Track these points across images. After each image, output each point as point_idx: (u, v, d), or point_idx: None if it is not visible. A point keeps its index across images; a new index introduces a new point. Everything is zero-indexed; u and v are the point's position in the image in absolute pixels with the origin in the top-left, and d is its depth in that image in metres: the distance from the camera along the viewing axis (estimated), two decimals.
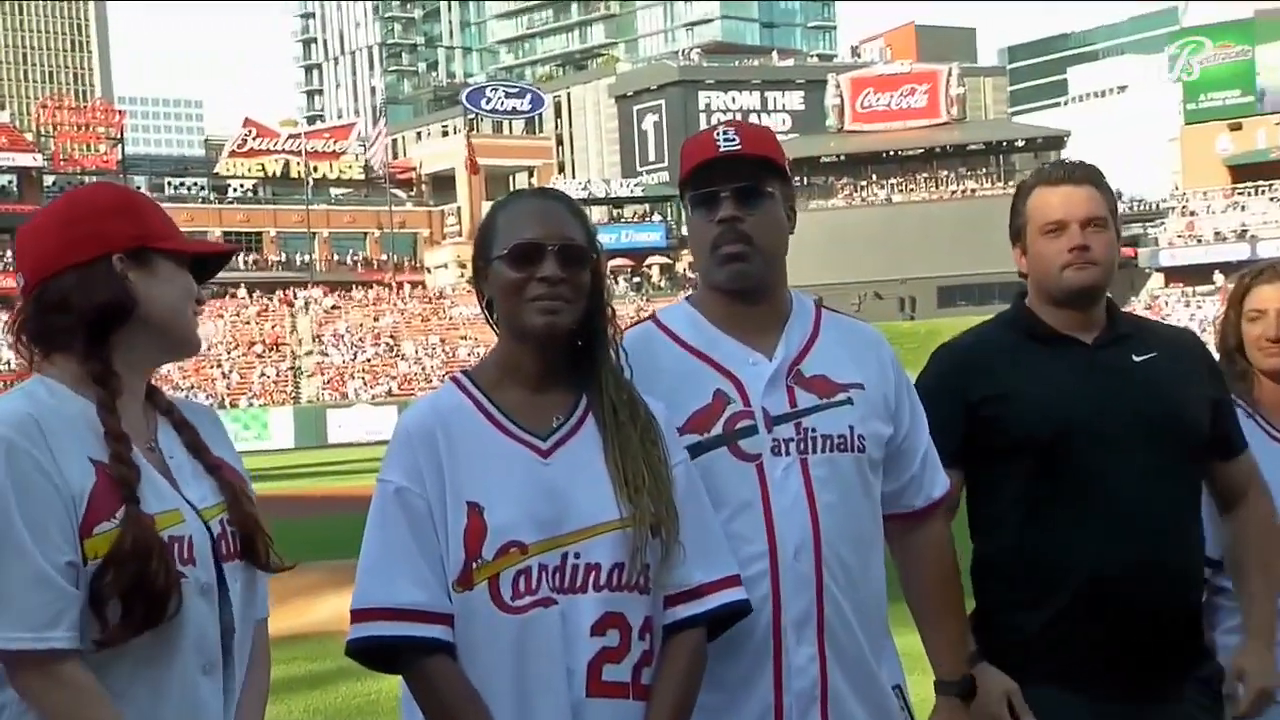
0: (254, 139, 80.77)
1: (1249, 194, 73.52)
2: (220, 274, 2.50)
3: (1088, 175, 3.00)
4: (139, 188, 40.28)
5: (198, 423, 2.40)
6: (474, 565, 2.29)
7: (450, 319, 64.58)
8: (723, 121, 2.75)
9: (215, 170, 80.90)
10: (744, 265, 2.63)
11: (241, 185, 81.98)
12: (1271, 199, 71.86)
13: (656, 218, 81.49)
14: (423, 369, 58.86)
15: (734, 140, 2.65)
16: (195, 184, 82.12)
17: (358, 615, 2.33)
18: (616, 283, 74.17)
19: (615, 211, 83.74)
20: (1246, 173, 74.37)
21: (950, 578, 2.81)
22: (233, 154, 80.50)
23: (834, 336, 2.74)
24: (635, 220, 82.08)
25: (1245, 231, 69.91)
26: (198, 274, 2.40)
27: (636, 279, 77.05)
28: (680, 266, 79.62)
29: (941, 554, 2.81)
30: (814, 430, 2.61)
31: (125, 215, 2.32)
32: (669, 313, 2.79)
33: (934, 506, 2.80)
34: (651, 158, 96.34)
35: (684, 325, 2.72)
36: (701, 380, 2.63)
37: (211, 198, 79.36)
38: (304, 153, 79.35)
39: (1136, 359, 2.95)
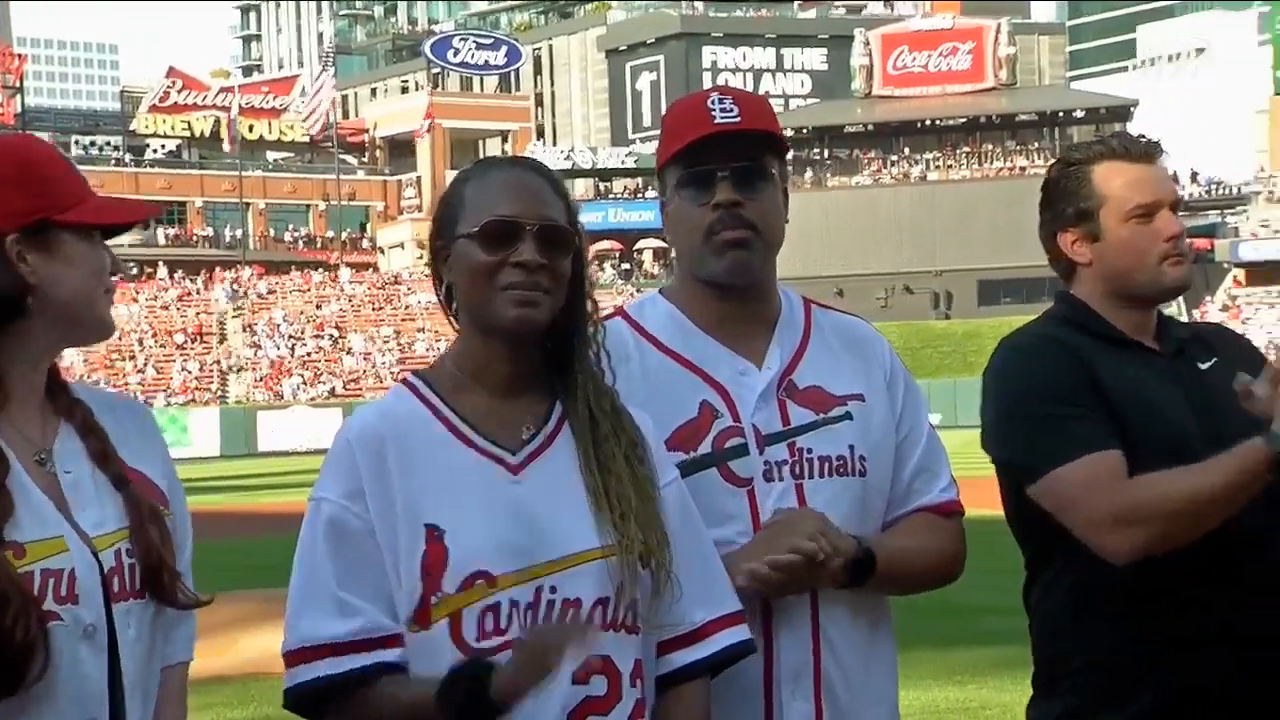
0: (179, 92, 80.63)
1: None
2: (136, 251, 2.47)
3: (1161, 152, 3.03)
4: None
5: (116, 424, 2.36)
6: (432, 600, 2.29)
7: (406, 308, 64.59)
8: (714, 88, 2.75)
9: (132, 127, 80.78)
10: (746, 254, 2.64)
11: (163, 146, 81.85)
12: None
13: (650, 193, 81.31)
14: (372, 365, 58.87)
15: (733, 112, 2.66)
16: (108, 143, 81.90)
17: (292, 658, 2.33)
18: (603, 269, 74.18)
19: (602, 185, 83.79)
20: None
21: (932, 570, 2.74)
22: (153, 109, 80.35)
23: (827, 339, 2.77)
24: (626, 196, 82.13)
25: None
26: (104, 233, 2.37)
27: (626, 265, 77.09)
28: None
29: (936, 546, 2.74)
30: (810, 451, 2.63)
31: (21, 185, 2.27)
32: (642, 308, 2.79)
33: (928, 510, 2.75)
34: (646, 123, 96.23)
35: (662, 324, 2.73)
36: (686, 390, 2.64)
37: (127, 160, 79.17)
38: (238, 109, 79.19)
39: (1203, 367, 2.96)
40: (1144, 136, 3.08)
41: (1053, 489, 2.79)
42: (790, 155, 2.83)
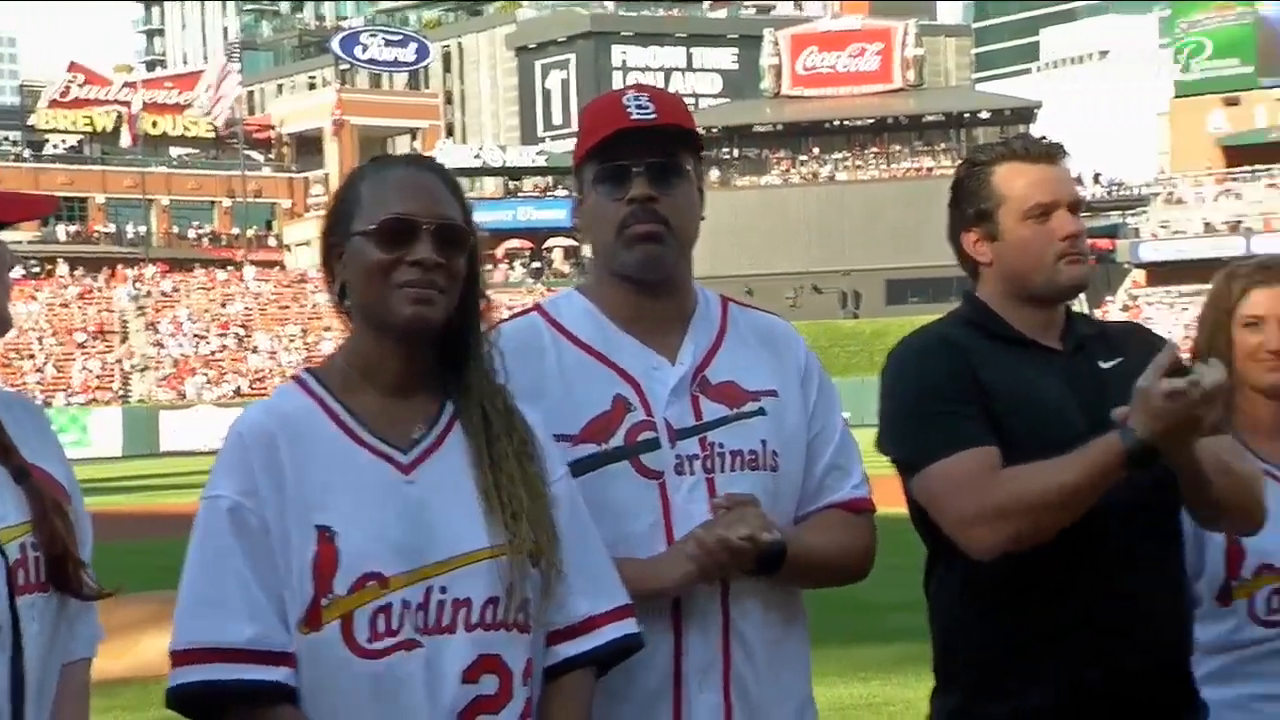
0: (80, 86, 79.44)
1: (1244, 180, 74.93)
2: (35, 247, 2.45)
3: (1063, 154, 3.08)
4: None
5: (14, 422, 2.34)
6: (323, 601, 2.28)
7: (313, 306, 63.97)
8: (631, 86, 2.79)
9: (31, 122, 79.40)
10: (659, 248, 2.67)
11: (64, 141, 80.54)
12: (1269, 185, 73.33)
13: (561, 191, 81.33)
14: (278, 364, 58.29)
15: (648, 108, 2.69)
16: (6, 138, 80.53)
17: (179, 657, 2.30)
18: (513, 268, 73.99)
19: (512, 184, 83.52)
20: (1242, 155, 75.68)
21: (841, 565, 2.77)
22: (54, 103, 79.06)
23: (743, 335, 2.80)
24: (535, 195, 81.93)
25: (1240, 223, 71.33)
26: None
27: (536, 264, 76.93)
28: (588, 249, 79.63)
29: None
30: (721, 446, 2.66)
31: None
32: (558, 303, 2.82)
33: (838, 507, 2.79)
34: (556, 121, 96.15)
35: (578, 319, 2.75)
36: (600, 383, 2.66)
37: (26, 155, 77.87)
38: (140, 104, 78.13)
39: (1104, 366, 2.99)
40: (1045, 138, 3.13)
41: (927, 486, 2.85)
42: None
